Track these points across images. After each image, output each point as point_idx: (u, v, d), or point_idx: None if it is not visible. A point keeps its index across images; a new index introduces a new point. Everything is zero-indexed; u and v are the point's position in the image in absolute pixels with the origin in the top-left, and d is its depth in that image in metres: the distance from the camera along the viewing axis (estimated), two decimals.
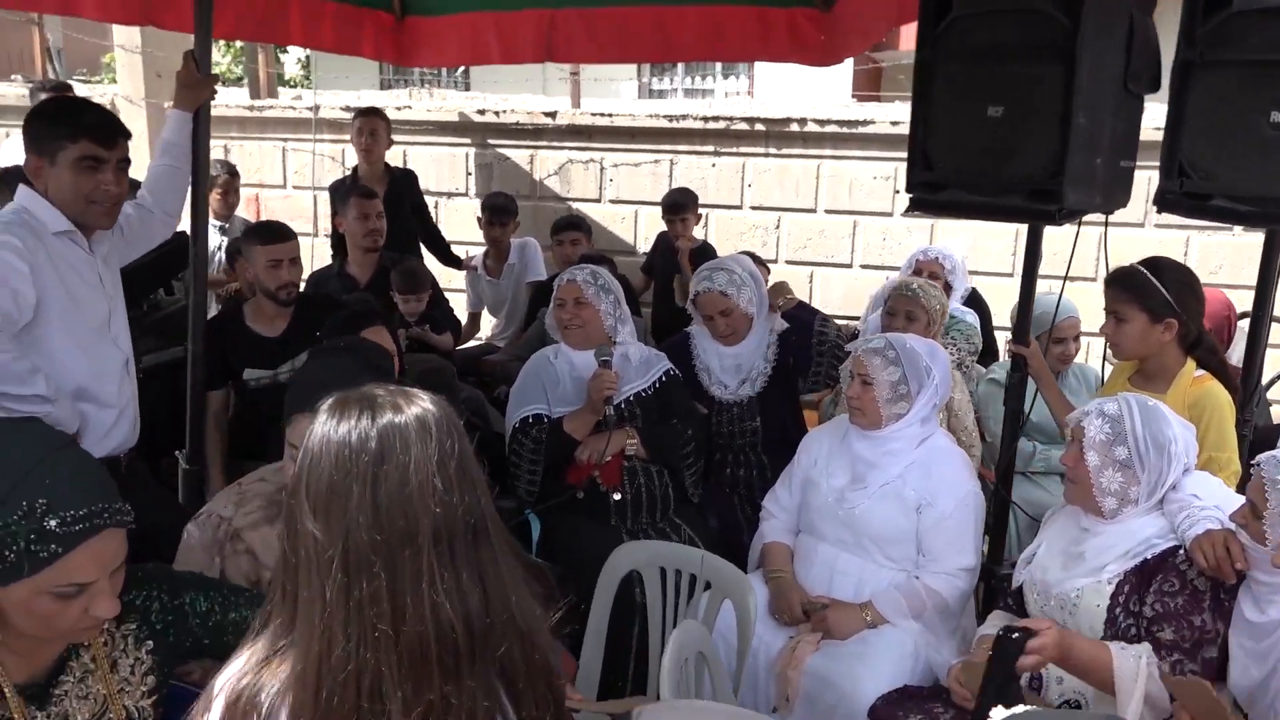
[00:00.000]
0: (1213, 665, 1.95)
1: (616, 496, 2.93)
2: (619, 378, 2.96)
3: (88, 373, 2.28)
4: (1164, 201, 2.47)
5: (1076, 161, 2.31)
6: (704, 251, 4.81)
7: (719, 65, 13.52)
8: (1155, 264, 2.63)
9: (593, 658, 2.40)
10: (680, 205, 4.73)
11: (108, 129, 2.28)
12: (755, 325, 3.25)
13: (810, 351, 3.26)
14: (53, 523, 1.24)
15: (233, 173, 4.86)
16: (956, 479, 2.59)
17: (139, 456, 2.56)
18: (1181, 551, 2.03)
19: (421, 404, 1.12)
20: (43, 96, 4.78)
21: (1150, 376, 2.62)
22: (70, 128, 2.23)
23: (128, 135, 2.32)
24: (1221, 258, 4.82)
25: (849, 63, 11.90)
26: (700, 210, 4.91)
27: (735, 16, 4.27)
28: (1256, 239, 4.74)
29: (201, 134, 2.65)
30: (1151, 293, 2.54)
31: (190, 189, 2.68)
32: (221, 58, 13.35)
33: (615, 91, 10.44)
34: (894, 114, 5.26)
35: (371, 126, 4.78)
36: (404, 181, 4.95)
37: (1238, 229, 4.79)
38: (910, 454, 2.61)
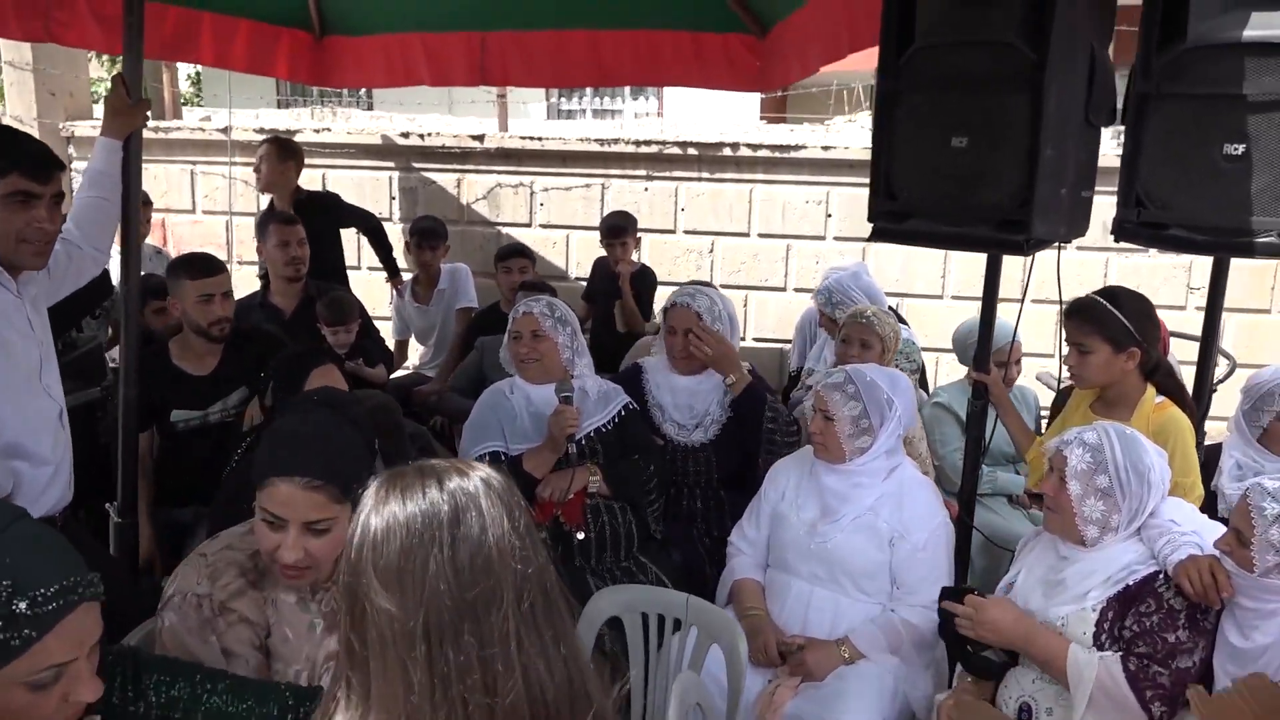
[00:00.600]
0: (1188, 674, 1.98)
1: (580, 536, 2.83)
2: (580, 414, 2.87)
3: (19, 427, 2.07)
4: (1122, 230, 2.51)
5: (1043, 192, 2.32)
6: (644, 275, 4.75)
7: (627, 89, 13.59)
8: (1113, 294, 2.68)
9: None
10: (619, 229, 4.67)
11: (41, 161, 2.07)
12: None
13: (760, 422, 3.15)
14: (22, 605, 1.10)
15: (144, 200, 4.56)
16: (928, 510, 2.58)
17: (73, 515, 2.35)
18: (1162, 576, 2.06)
19: (479, 469, 1.09)
20: None
21: (1111, 404, 2.67)
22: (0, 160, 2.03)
23: (62, 167, 2.12)
24: (1139, 278, 5.01)
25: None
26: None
27: (670, 41, 4.25)
28: (1172, 259, 5.01)
29: (132, 162, 2.46)
30: (1113, 323, 2.59)
31: (121, 222, 2.48)
32: (108, 74, 12.73)
33: (525, 113, 10.35)
34: (826, 139, 5.32)
35: (262, 153, 4.55)
36: (318, 205, 4.70)
37: (1152, 250, 5.00)
38: (880, 485, 2.60)
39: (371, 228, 4.94)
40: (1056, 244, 2.71)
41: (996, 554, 3.27)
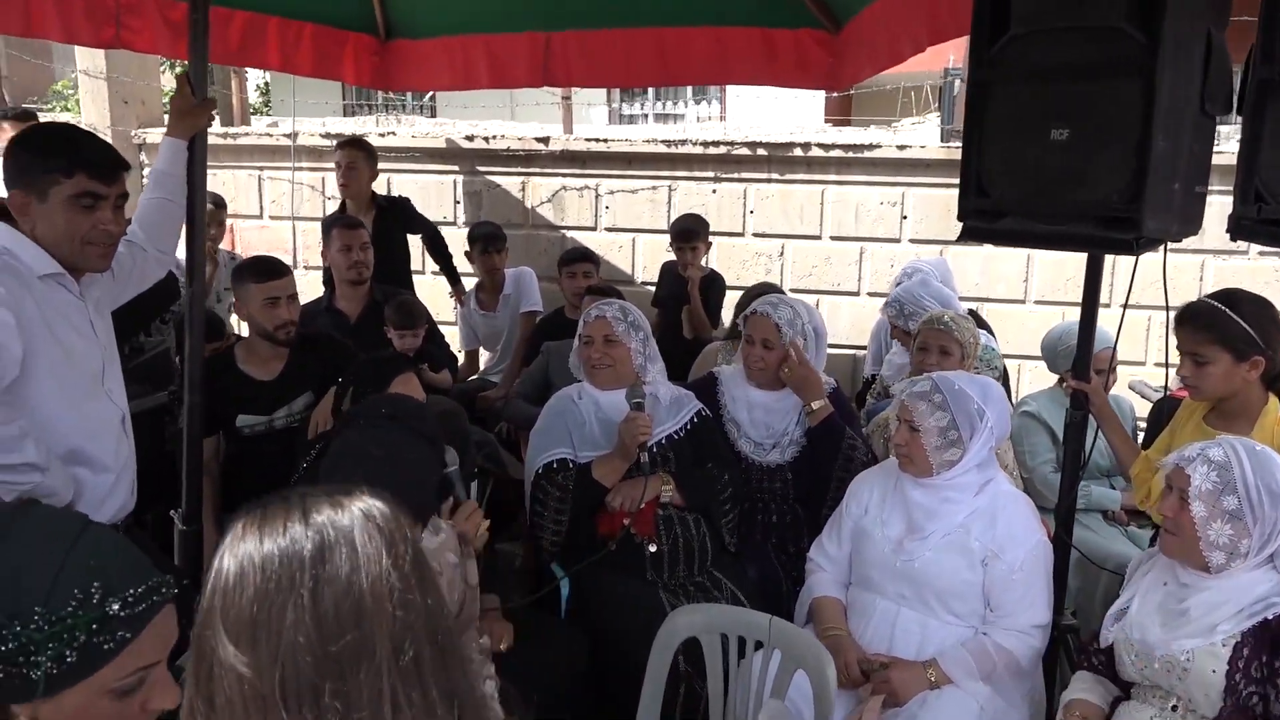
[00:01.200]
0: None
1: (652, 548, 2.72)
2: (652, 420, 2.76)
3: (81, 433, 2.02)
4: (1239, 228, 2.32)
5: (1155, 187, 2.16)
6: (713, 281, 4.63)
7: (690, 90, 13.48)
8: (1231, 297, 2.48)
9: None
10: (690, 232, 4.54)
11: (107, 162, 2.03)
12: None
13: (836, 456, 2.97)
14: (115, 606, 1.06)
15: (217, 204, 4.57)
16: (1025, 528, 2.42)
17: (135, 522, 2.31)
18: None
19: (362, 499, 0.95)
20: (6, 126, 4.49)
21: (1229, 416, 2.47)
22: (65, 160, 1.98)
23: (128, 167, 2.07)
24: (1238, 282, 4.73)
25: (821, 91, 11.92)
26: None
27: (739, 38, 4.12)
28: (1275, 262, 4.73)
29: (198, 164, 2.42)
30: (1233, 330, 2.39)
31: (186, 223, 2.43)
32: None
33: (587, 118, 10.30)
34: (900, 138, 5.14)
35: (350, 159, 4.55)
36: (393, 210, 4.72)
37: (1253, 250, 4.73)
38: (971, 501, 2.44)
39: (432, 235, 4.93)
40: (1164, 249, 2.54)
41: (1092, 574, 3.08)
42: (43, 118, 5.79)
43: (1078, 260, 4.81)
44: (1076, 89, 2.27)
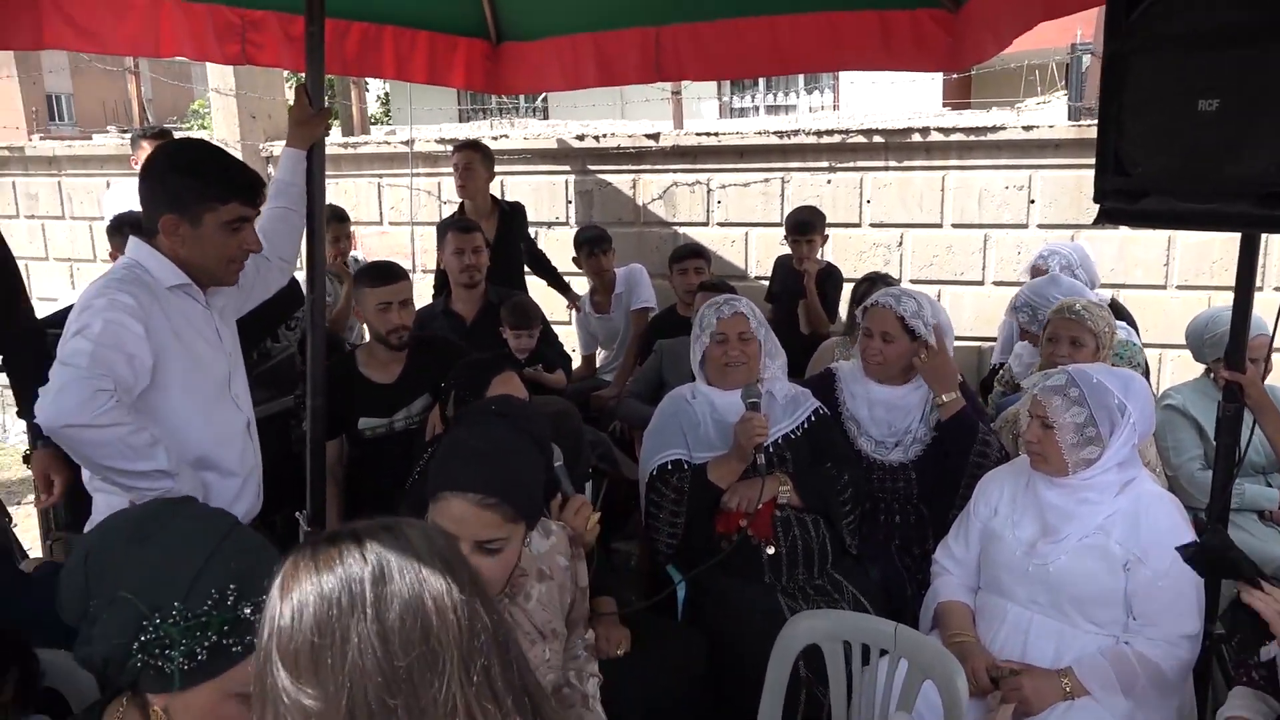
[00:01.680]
0: None
1: (770, 550, 2.65)
2: (769, 420, 2.68)
3: (209, 439, 2.09)
4: None
5: None
6: (829, 274, 4.50)
7: (801, 80, 13.25)
8: None
9: None
10: (806, 225, 4.43)
11: (256, 187, 2.13)
12: (916, 378, 2.93)
13: (968, 455, 2.82)
14: (247, 610, 1.10)
15: (341, 217, 4.68)
16: (1172, 530, 2.24)
17: (261, 524, 2.37)
18: None
19: (412, 524, 0.93)
20: (145, 144, 4.73)
21: None
22: (221, 188, 2.06)
23: (265, 186, 2.16)
24: None
25: (939, 73, 11.56)
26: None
27: (854, 22, 3.98)
28: None
29: (316, 172, 2.46)
30: None
31: (306, 232, 2.49)
32: None
33: (698, 113, 10.23)
34: (1026, 119, 4.90)
35: (466, 161, 4.61)
36: (513, 215, 4.77)
37: None
38: (1111, 502, 2.28)
39: (532, 251, 4.98)
40: None
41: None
42: (177, 135, 6.11)
43: (1223, 241, 4.55)
44: (1227, 56, 2.09)
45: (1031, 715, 2.16)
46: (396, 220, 5.85)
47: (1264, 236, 2.81)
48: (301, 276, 2.54)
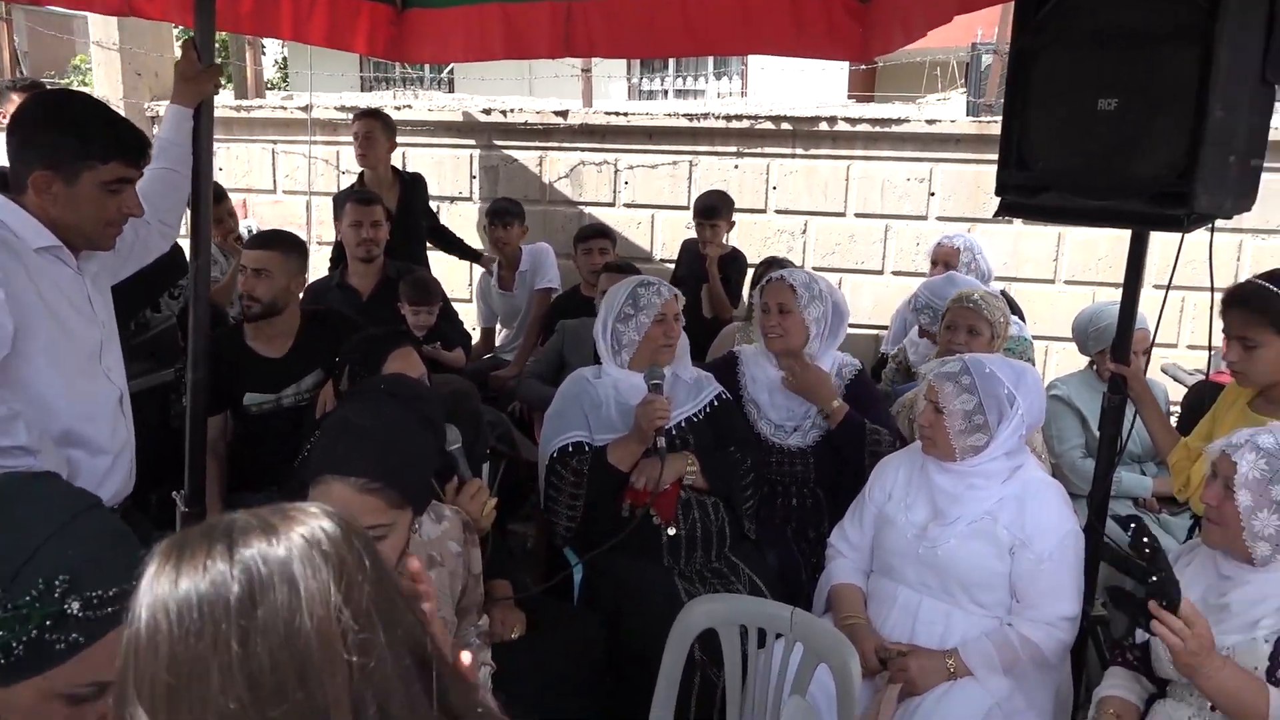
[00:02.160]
0: None
1: (671, 531, 2.63)
2: (671, 403, 2.66)
3: (77, 414, 1.94)
4: None
5: (1210, 159, 2.04)
6: (734, 259, 4.51)
7: (710, 65, 13.28)
8: None
9: None
10: (712, 209, 4.42)
11: (140, 146, 1.98)
12: (815, 358, 2.95)
13: (862, 451, 2.86)
14: (75, 605, 0.98)
15: (219, 196, 4.42)
16: (1056, 517, 2.31)
17: (134, 506, 2.23)
18: None
19: (307, 519, 0.77)
20: (14, 96, 4.41)
21: (1277, 402, 2.35)
22: (103, 146, 1.91)
23: (150, 147, 2.02)
24: (1276, 263, 4.58)
25: (844, 65, 11.74)
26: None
27: (766, 6, 3.97)
28: None
29: (204, 133, 2.31)
30: None
31: (192, 195, 2.34)
32: None
33: (606, 92, 10.14)
34: (930, 113, 4.99)
35: (367, 129, 4.44)
36: (414, 186, 4.63)
37: None
38: (1000, 488, 2.33)
39: (434, 226, 4.86)
40: (1210, 227, 2.42)
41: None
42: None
43: (1109, 239, 4.73)
44: (1128, 56, 2.15)
45: (917, 694, 2.20)
46: (292, 189, 5.62)
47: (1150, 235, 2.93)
48: (187, 243, 2.40)
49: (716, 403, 2.87)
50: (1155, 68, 2.08)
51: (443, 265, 4.94)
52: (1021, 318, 4.14)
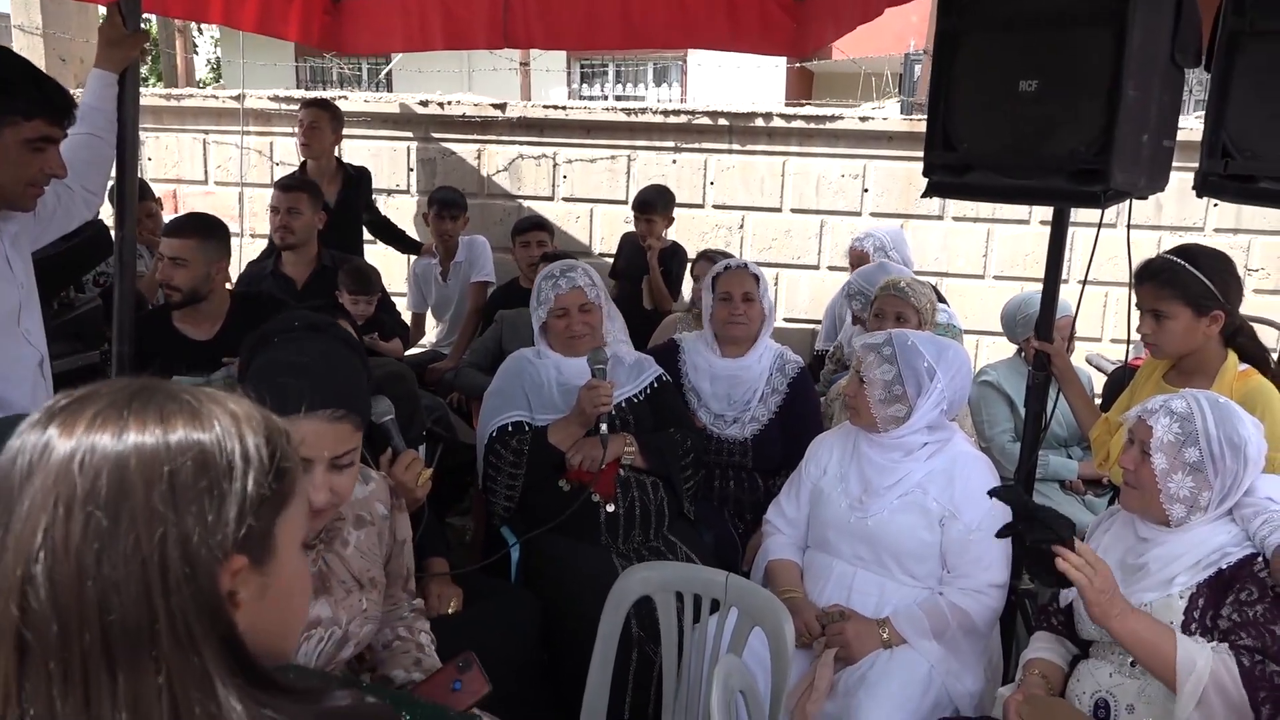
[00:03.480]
0: None
1: (610, 508, 2.63)
2: (614, 387, 2.66)
3: None
4: (1206, 185, 2.31)
5: (1124, 137, 2.11)
6: (675, 253, 4.55)
7: (650, 72, 13.38)
8: (1190, 252, 2.45)
9: (598, 698, 2.09)
10: (647, 204, 4.46)
11: (65, 106, 1.94)
12: (759, 343, 2.99)
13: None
14: None
15: (141, 193, 4.31)
16: (983, 488, 2.34)
17: None
18: (1261, 559, 1.84)
19: (133, 428, 0.72)
20: None
21: (1189, 373, 2.44)
22: (26, 102, 1.87)
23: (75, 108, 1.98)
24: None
25: (782, 71, 11.91)
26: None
27: (703, 2, 4.04)
28: (1229, 240, 4.75)
29: (129, 99, 2.27)
30: (1193, 285, 2.35)
31: (116, 164, 2.29)
32: None
33: (545, 97, 10.15)
34: (863, 112, 5.09)
35: (313, 118, 4.38)
36: (359, 181, 4.60)
37: (1209, 227, 4.76)
38: (927, 461, 2.39)
39: (376, 219, 4.83)
40: (1125, 224, 2.52)
41: None
42: None
43: (1037, 236, 4.86)
44: (1046, 38, 2.22)
45: (852, 661, 2.23)
46: (224, 180, 5.52)
47: (1071, 233, 3.03)
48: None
49: (656, 384, 2.89)
50: (1072, 50, 2.15)
51: (381, 257, 4.89)
52: (947, 305, 4.24)
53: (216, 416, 0.76)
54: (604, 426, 2.60)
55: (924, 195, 2.52)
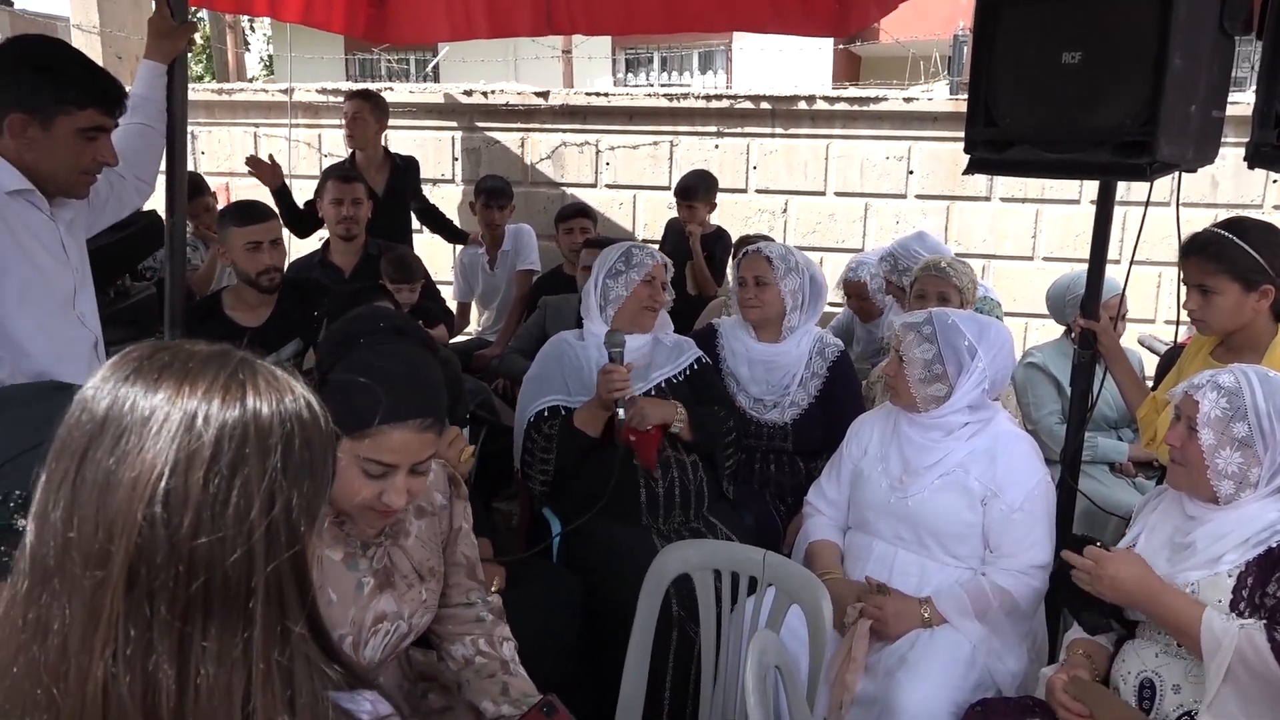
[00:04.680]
0: None
1: (655, 478, 2.62)
2: (631, 372, 2.64)
3: (51, 355, 1.95)
4: (1258, 156, 2.24)
5: (1171, 108, 2.08)
6: (719, 237, 4.55)
7: (696, 59, 13.33)
8: (1238, 225, 2.38)
9: (636, 677, 2.10)
10: (689, 189, 4.46)
11: (116, 95, 2.01)
12: (794, 331, 2.98)
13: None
14: (22, 523, 0.92)
15: (198, 188, 4.35)
16: (1026, 467, 2.34)
17: None
18: None
19: (250, 394, 0.76)
20: None
21: (1237, 349, 2.38)
22: (80, 92, 1.94)
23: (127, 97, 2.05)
24: None
25: (828, 55, 11.78)
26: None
27: None
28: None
29: (178, 89, 2.33)
30: (1242, 259, 2.29)
31: (166, 153, 2.35)
32: None
33: (591, 86, 10.17)
34: (908, 93, 5.03)
35: (356, 109, 4.45)
36: (406, 170, 4.64)
37: (1267, 204, 4.63)
38: (970, 441, 2.36)
39: (425, 208, 4.87)
40: (1174, 200, 2.46)
41: (1100, 523, 3.01)
42: None
43: (1086, 216, 4.74)
44: (1089, 8, 2.19)
45: (890, 639, 2.22)
46: None
47: (1123, 213, 2.98)
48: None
49: (696, 365, 2.89)
50: (1116, 19, 2.12)
51: (427, 245, 4.95)
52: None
53: (303, 394, 0.80)
54: (622, 413, 2.57)
55: (965, 172, 2.49)
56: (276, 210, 3.50)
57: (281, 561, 0.74)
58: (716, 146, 5.14)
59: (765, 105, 5.01)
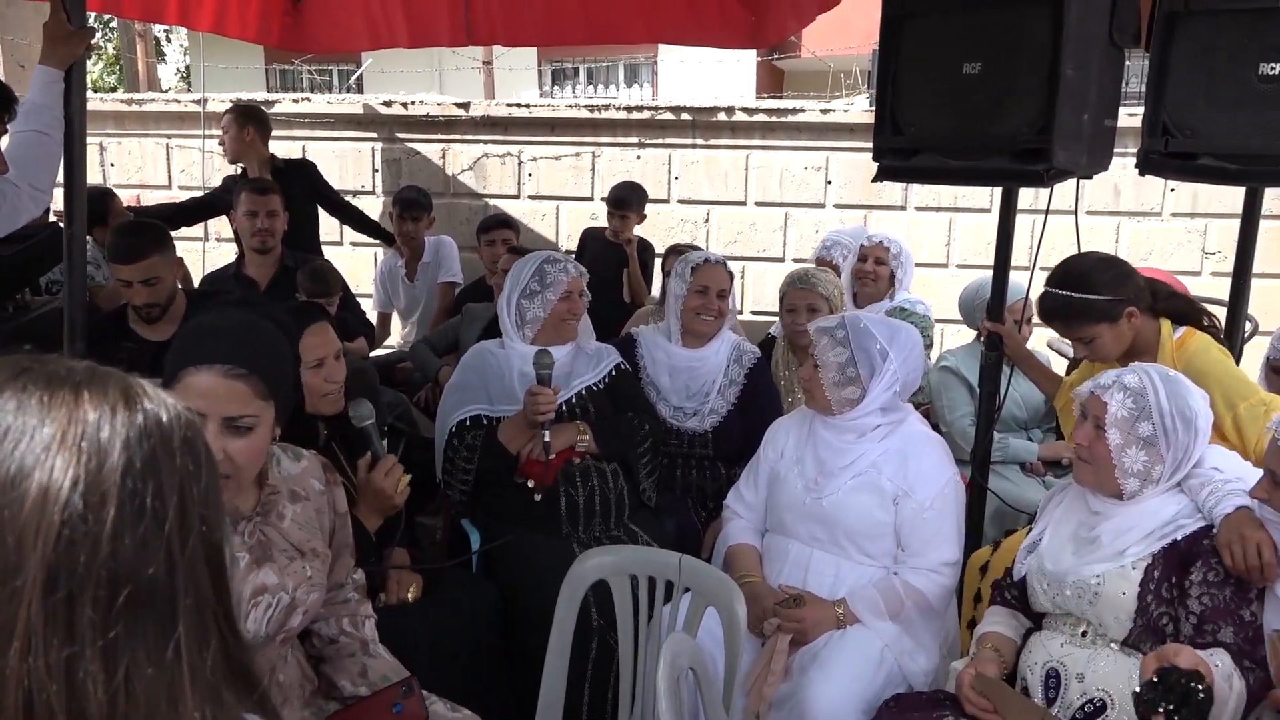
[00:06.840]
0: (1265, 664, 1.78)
1: (538, 498, 2.63)
2: (558, 393, 2.64)
3: None
4: (1148, 163, 2.35)
5: (1065, 117, 2.16)
6: (645, 248, 4.61)
7: (621, 72, 13.39)
8: (1074, 276, 2.42)
9: (555, 683, 2.09)
10: (622, 201, 4.50)
11: (3, 100, 1.91)
12: (718, 335, 3.02)
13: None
14: None
15: (109, 205, 4.12)
16: (935, 467, 2.39)
17: None
18: (1215, 531, 1.87)
19: (145, 401, 0.73)
20: None
21: (1135, 354, 2.47)
22: None
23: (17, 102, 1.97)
24: (1152, 243, 4.84)
25: (751, 69, 11.95)
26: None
27: None
28: (1186, 224, 4.82)
29: (76, 96, 2.26)
30: (1095, 305, 2.37)
31: (65, 162, 2.28)
32: (93, 66, 12.53)
33: (516, 99, 10.17)
34: (826, 106, 5.13)
35: (226, 124, 4.28)
36: (293, 174, 4.44)
37: (1166, 212, 4.82)
38: (883, 442, 2.41)
39: (340, 205, 4.72)
40: (1075, 208, 2.55)
41: (1010, 521, 3.09)
42: None
43: (995, 224, 4.88)
44: (988, 19, 2.26)
45: (807, 644, 2.25)
46: (187, 184, 5.49)
47: (1032, 220, 3.07)
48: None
49: (615, 372, 2.89)
50: (1013, 30, 2.19)
51: (347, 257, 4.88)
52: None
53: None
54: (547, 435, 2.57)
55: (874, 179, 2.55)
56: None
57: (196, 556, 0.73)
58: (639, 157, 5.17)
59: (686, 116, 5.06)
